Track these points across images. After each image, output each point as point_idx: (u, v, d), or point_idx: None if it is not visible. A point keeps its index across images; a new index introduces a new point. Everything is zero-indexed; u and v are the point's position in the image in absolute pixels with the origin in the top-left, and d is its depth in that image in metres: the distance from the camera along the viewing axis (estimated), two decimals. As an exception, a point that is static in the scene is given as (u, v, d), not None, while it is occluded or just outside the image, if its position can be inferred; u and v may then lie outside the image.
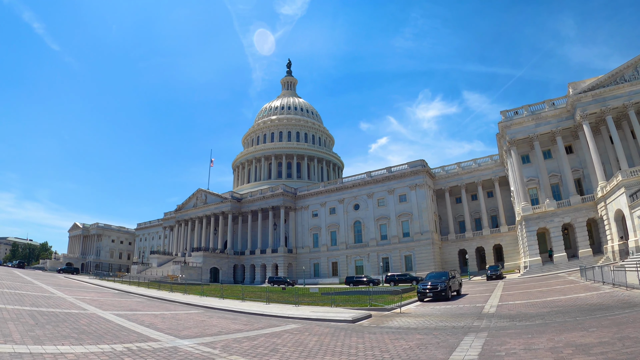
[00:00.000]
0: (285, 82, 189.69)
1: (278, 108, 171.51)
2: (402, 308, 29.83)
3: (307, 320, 23.66)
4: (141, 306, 31.52)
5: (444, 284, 36.27)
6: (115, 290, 53.60)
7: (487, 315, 24.00)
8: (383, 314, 27.03)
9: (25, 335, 13.45)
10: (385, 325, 21.41)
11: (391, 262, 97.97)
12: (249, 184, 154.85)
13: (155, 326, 18.97)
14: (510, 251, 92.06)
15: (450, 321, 22.15)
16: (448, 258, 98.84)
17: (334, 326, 21.21)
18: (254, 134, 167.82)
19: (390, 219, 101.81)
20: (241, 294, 41.29)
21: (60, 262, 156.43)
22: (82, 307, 26.06)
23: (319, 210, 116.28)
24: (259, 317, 26.16)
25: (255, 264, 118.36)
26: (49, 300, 28.67)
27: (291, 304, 34.20)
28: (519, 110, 78.21)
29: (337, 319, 23.42)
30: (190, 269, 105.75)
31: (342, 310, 28.57)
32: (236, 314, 28.29)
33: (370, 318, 24.92)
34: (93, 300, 33.50)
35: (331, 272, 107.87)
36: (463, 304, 32.63)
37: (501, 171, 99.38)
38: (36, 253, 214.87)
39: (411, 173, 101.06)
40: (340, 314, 25.71)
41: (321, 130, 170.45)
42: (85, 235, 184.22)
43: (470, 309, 28.13)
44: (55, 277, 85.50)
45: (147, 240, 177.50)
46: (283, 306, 32.76)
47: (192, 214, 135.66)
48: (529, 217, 71.08)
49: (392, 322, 22.66)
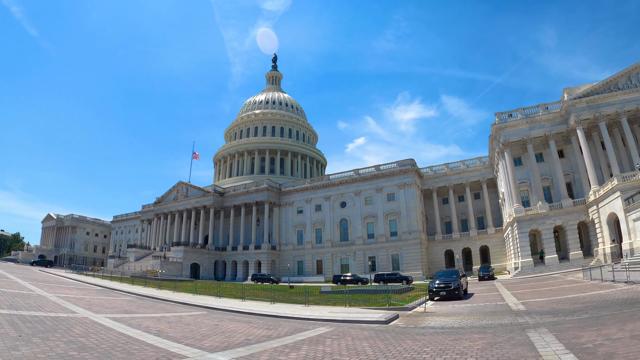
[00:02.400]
0: (270, 77, 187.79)
1: (262, 102, 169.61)
2: (419, 307, 29.09)
3: (334, 322, 22.26)
4: (135, 307, 29.13)
5: (456, 282, 35.56)
6: (98, 287, 50.63)
7: (521, 312, 23.52)
8: (407, 314, 26.05)
9: (8, 357, 10.56)
10: (426, 326, 20.37)
11: (378, 261, 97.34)
12: (231, 179, 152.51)
13: (166, 334, 16.46)
14: (497, 253, 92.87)
15: (489, 319, 21.63)
16: (435, 258, 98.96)
17: (370, 328, 19.96)
18: (237, 127, 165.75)
19: (378, 218, 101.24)
20: (241, 293, 39.85)
21: (32, 254, 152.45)
22: (70, 308, 23.33)
23: (304, 206, 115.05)
24: (275, 319, 24.50)
25: (237, 261, 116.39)
26: (29, 299, 25.86)
27: (298, 303, 32.86)
28: (513, 112, 78.60)
29: (367, 320, 22.30)
30: (170, 264, 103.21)
31: (360, 310, 27.37)
32: (246, 315, 26.63)
33: (398, 318, 23.92)
34: (78, 299, 30.94)
35: (316, 270, 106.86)
36: (480, 302, 32.00)
37: (489, 173, 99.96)
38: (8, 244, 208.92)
39: (400, 172, 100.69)
40: (363, 314, 24.63)
41: (305, 127, 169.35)
42: (60, 226, 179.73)
43: (495, 307, 27.45)
44: (29, 270, 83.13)
45: (123, 233, 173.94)
46: (291, 306, 31.44)
47: (172, 207, 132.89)
48: (521, 218, 71.41)
49: (428, 322, 21.69)
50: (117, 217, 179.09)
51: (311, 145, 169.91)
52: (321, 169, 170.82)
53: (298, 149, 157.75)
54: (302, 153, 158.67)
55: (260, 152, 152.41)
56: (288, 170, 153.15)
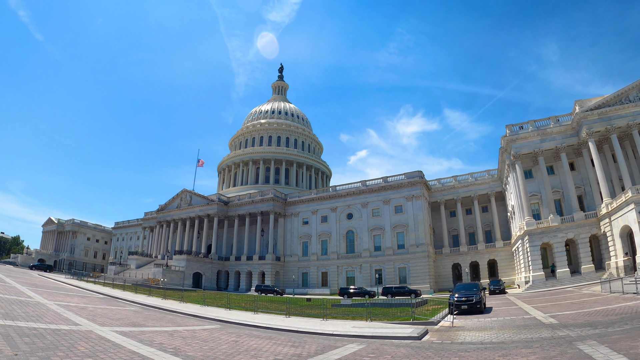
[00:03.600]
0: (276, 87, 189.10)
1: (268, 112, 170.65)
2: (443, 321, 28.87)
3: (363, 339, 21.46)
4: (142, 319, 27.43)
5: (478, 295, 35.33)
6: (100, 295, 49.91)
7: (555, 325, 23.42)
8: (435, 329, 25.78)
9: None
10: (464, 341, 19.98)
11: (384, 274, 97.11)
12: (235, 188, 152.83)
13: (184, 354, 14.82)
14: (505, 267, 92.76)
15: (526, 333, 21.33)
16: (442, 272, 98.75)
17: (404, 344, 19.34)
18: (242, 136, 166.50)
19: (385, 230, 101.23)
20: (253, 305, 39.20)
21: (32, 258, 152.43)
22: (72, 319, 21.44)
23: (309, 217, 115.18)
24: (297, 334, 23.66)
25: (241, 271, 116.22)
26: (27, 307, 23.84)
27: (315, 317, 32.60)
28: (524, 125, 78.89)
29: (398, 336, 21.85)
30: (172, 272, 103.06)
31: (383, 324, 26.96)
32: (264, 330, 25.64)
33: (429, 333, 23.48)
34: (80, 308, 29.18)
35: (320, 282, 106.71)
36: (504, 316, 31.73)
37: (498, 186, 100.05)
38: (7, 247, 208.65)
39: (408, 184, 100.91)
40: (389, 329, 24.30)
41: (311, 137, 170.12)
42: (60, 231, 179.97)
43: (525, 321, 27.19)
44: (28, 274, 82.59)
45: (124, 240, 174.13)
46: (309, 320, 30.90)
47: (175, 215, 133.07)
48: (532, 231, 71.39)
49: (464, 337, 21.30)
50: (118, 223, 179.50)
51: (316, 156, 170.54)
52: (326, 180, 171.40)
53: (303, 160, 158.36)
54: (307, 164, 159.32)
55: (265, 162, 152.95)
56: (293, 181, 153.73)
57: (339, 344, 19.49)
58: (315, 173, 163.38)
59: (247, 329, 26.02)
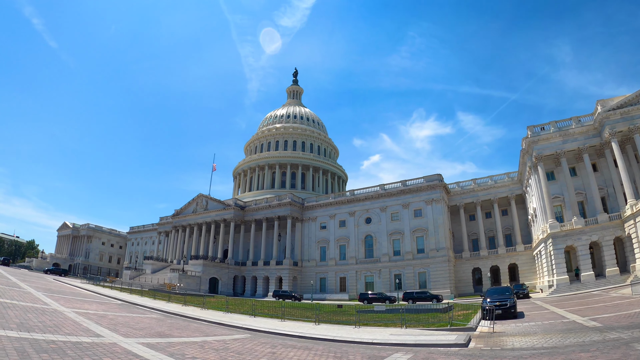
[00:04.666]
0: (291, 91, 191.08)
1: (283, 116, 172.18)
2: (482, 327, 28.72)
3: (406, 347, 21.07)
4: (166, 328, 26.25)
5: (511, 300, 35.07)
6: (118, 301, 49.42)
7: (601, 328, 23.24)
8: (476, 335, 25.55)
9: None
10: (514, 347, 19.66)
11: (404, 279, 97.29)
12: (251, 193, 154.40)
13: None
14: (526, 271, 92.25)
15: (574, 337, 21.08)
16: (462, 277, 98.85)
17: (452, 353, 18.84)
18: (257, 141, 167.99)
19: (404, 234, 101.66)
20: (279, 312, 38.81)
21: (47, 262, 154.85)
22: (93, 330, 19.98)
23: (327, 222, 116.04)
24: (335, 344, 22.89)
25: (258, 276, 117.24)
26: (44, 316, 22.20)
27: (346, 324, 32.44)
28: (545, 125, 78.93)
29: (443, 343, 21.52)
30: (188, 277, 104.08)
31: (421, 331, 26.72)
32: (299, 339, 24.80)
33: (472, 340, 23.07)
34: (100, 316, 27.85)
35: (339, 288, 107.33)
36: (541, 320, 31.55)
37: (518, 189, 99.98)
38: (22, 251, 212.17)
39: (427, 187, 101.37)
40: (429, 336, 24.08)
41: (326, 141, 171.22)
42: (75, 235, 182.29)
43: (566, 325, 27.10)
44: (43, 278, 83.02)
45: (139, 244, 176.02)
46: (341, 327, 30.57)
47: (191, 220, 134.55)
48: (556, 234, 71.31)
49: (512, 344, 20.95)
50: (133, 228, 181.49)
51: (332, 160, 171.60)
52: (342, 184, 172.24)
53: (319, 164, 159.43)
54: (323, 168, 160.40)
55: (281, 167, 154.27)
56: (309, 185, 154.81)
57: (383, 353, 18.78)
58: (331, 177, 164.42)
59: (280, 338, 25.25)
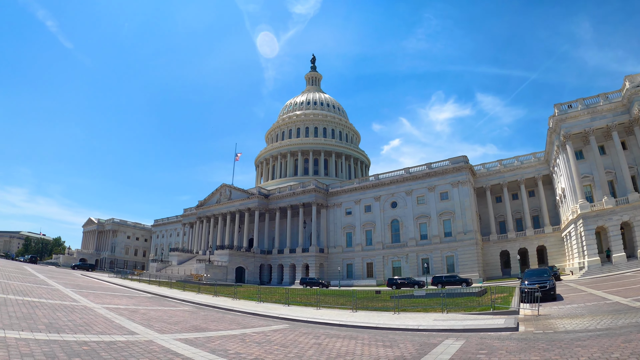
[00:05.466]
0: (309, 78, 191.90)
1: (303, 103, 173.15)
2: (525, 310, 28.67)
3: (455, 333, 20.61)
4: (201, 320, 25.26)
5: (551, 282, 34.67)
6: (148, 294, 48.64)
7: None
8: (520, 318, 24.97)
9: None
10: (568, 330, 19.23)
11: (431, 263, 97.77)
12: (274, 181, 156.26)
13: None
14: (554, 253, 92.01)
15: (624, 318, 20.76)
16: (490, 260, 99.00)
17: (507, 337, 18.19)
18: (278, 129, 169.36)
19: (431, 218, 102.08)
20: (314, 300, 38.43)
21: (73, 258, 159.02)
22: (126, 326, 18.81)
23: (352, 207, 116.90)
24: (380, 331, 22.22)
25: (284, 264, 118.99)
26: (73, 314, 20.97)
27: (384, 310, 32.16)
28: (572, 103, 78.22)
29: (493, 328, 20.97)
30: (215, 267, 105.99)
31: (464, 316, 26.50)
32: (341, 328, 24.05)
33: (520, 324, 22.33)
34: (131, 311, 26.65)
35: (366, 274, 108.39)
36: (582, 302, 31.41)
37: (545, 169, 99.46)
38: (49, 248, 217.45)
39: (453, 169, 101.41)
40: (473, 320, 23.89)
41: (347, 127, 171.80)
42: (100, 230, 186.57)
43: (611, 306, 26.78)
44: (70, 274, 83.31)
45: (164, 237, 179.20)
46: (380, 314, 30.19)
47: (215, 210, 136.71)
48: (587, 215, 70.77)
49: (562, 326, 20.57)
50: (157, 221, 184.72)
51: (354, 145, 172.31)
52: (365, 169, 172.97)
53: (342, 150, 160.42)
54: (346, 153, 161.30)
55: (303, 154, 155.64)
56: (332, 171, 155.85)
57: (433, 340, 18.23)
58: (354, 163, 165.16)
59: (320, 327, 24.49)
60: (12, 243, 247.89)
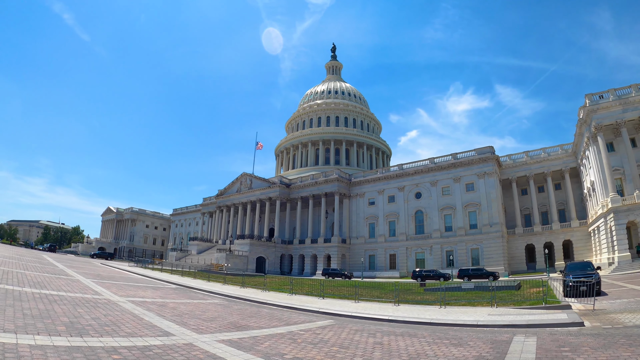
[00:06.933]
0: (330, 67, 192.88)
1: (324, 92, 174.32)
2: (578, 304, 28.38)
3: (521, 328, 20.34)
4: (237, 316, 23.68)
5: (596, 275, 33.97)
6: (172, 285, 47.72)
7: None
8: (579, 312, 24.82)
9: None
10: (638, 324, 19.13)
11: (456, 256, 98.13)
12: (294, 170, 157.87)
13: None
14: (581, 248, 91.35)
15: None
16: (515, 253, 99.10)
17: (577, 332, 18.05)
18: (298, 118, 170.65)
19: (456, 209, 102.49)
20: (351, 292, 37.95)
21: (92, 247, 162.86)
22: (157, 325, 16.95)
23: (376, 198, 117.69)
24: (440, 327, 21.83)
25: (305, 254, 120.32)
26: (97, 310, 19.05)
27: (428, 304, 32.08)
28: (603, 94, 77.97)
29: (558, 323, 20.75)
30: (235, 257, 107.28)
31: (517, 310, 26.52)
32: (393, 324, 23.33)
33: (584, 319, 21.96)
34: (159, 305, 24.88)
35: (389, 265, 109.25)
36: (631, 297, 31.20)
37: (572, 162, 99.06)
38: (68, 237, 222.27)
39: (479, 160, 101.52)
40: (529, 315, 23.76)
41: (369, 116, 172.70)
42: (119, 219, 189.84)
43: None
44: (90, 263, 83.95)
45: (183, 226, 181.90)
46: (426, 308, 30.01)
47: (236, 200, 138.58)
48: (618, 209, 70.57)
49: (628, 321, 20.39)
50: (176, 210, 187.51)
51: (375, 135, 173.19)
52: (386, 159, 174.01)
53: (363, 139, 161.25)
54: (367, 143, 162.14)
55: (324, 143, 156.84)
56: (354, 161, 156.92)
57: (500, 337, 17.61)
58: (375, 153, 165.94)
59: (369, 323, 23.57)
60: (32, 232, 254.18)
